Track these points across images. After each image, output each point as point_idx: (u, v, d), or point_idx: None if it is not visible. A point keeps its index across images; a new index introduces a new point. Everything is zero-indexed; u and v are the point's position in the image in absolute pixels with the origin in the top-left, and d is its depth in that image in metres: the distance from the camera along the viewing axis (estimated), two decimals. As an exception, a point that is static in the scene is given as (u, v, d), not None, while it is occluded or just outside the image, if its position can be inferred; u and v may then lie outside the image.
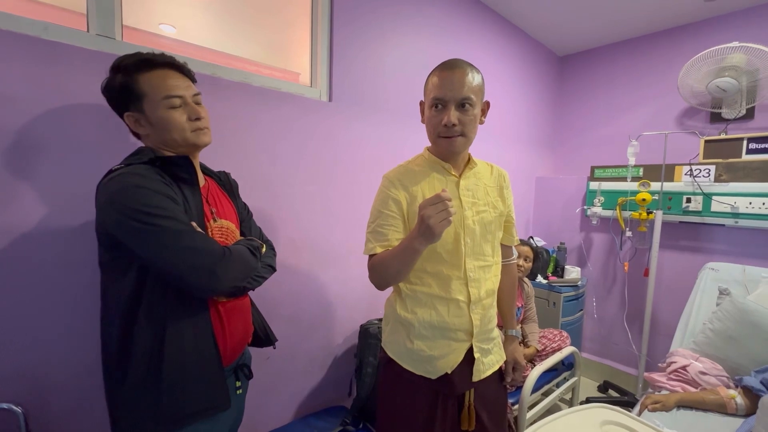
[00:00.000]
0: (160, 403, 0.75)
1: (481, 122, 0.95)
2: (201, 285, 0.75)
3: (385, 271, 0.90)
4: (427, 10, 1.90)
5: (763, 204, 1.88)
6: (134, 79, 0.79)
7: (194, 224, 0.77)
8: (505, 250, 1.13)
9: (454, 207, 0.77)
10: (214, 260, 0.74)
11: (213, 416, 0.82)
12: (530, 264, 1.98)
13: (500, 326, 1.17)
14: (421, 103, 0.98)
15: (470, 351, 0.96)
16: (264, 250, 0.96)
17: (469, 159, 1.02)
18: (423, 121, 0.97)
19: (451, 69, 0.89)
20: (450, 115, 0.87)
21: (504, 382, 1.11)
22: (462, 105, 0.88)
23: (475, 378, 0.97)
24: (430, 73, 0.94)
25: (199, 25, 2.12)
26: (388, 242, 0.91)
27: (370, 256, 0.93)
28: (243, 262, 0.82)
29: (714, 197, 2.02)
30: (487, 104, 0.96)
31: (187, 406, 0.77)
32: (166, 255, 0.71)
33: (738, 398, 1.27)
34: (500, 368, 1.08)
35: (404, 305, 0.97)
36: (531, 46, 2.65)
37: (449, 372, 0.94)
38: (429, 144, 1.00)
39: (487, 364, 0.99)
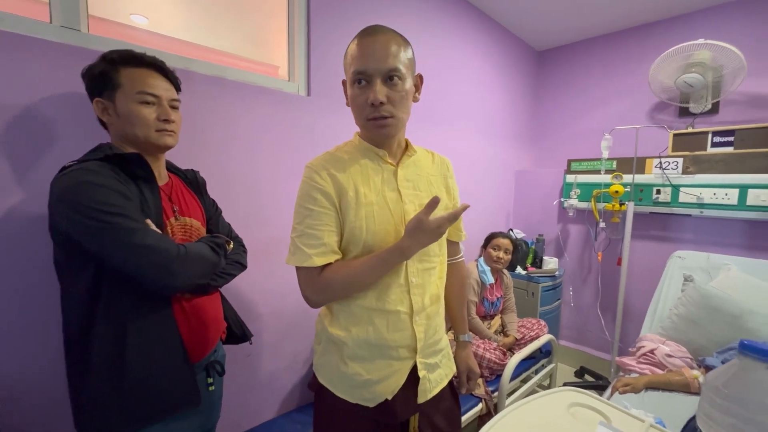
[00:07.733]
0: (125, 401, 0.74)
1: (416, 99, 0.82)
2: (156, 282, 0.74)
3: (349, 287, 0.77)
4: (405, 4, 1.89)
5: (726, 195, 1.98)
6: (116, 70, 0.80)
7: (149, 222, 0.76)
8: (452, 247, 1.01)
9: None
10: (168, 258, 0.74)
11: (182, 413, 0.82)
12: (510, 256, 2.03)
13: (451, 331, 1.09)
14: (344, 82, 0.83)
15: (414, 369, 0.82)
16: (231, 246, 0.95)
17: (407, 145, 0.87)
18: (348, 104, 0.82)
19: (372, 35, 0.74)
20: (376, 91, 0.72)
21: (459, 393, 1.00)
22: (389, 78, 0.73)
23: (421, 399, 0.83)
24: (350, 43, 0.78)
25: (173, 15, 2.04)
26: (325, 247, 0.75)
27: (306, 268, 0.75)
28: (202, 260, 0.82)
29: (681, 188, 2.11)
30: (420, 78, 0.83)
31: (154, 404, 0.77)
32: (119, 252, 0.71)
33: (701, 378, 1.35)
34: (451, 381, 0.94)
35: (336, 321, 0.83)
36: (510, 40, 2.68)
37: (389, 398, 0.80)
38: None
39: (435, 381, 0.86)
